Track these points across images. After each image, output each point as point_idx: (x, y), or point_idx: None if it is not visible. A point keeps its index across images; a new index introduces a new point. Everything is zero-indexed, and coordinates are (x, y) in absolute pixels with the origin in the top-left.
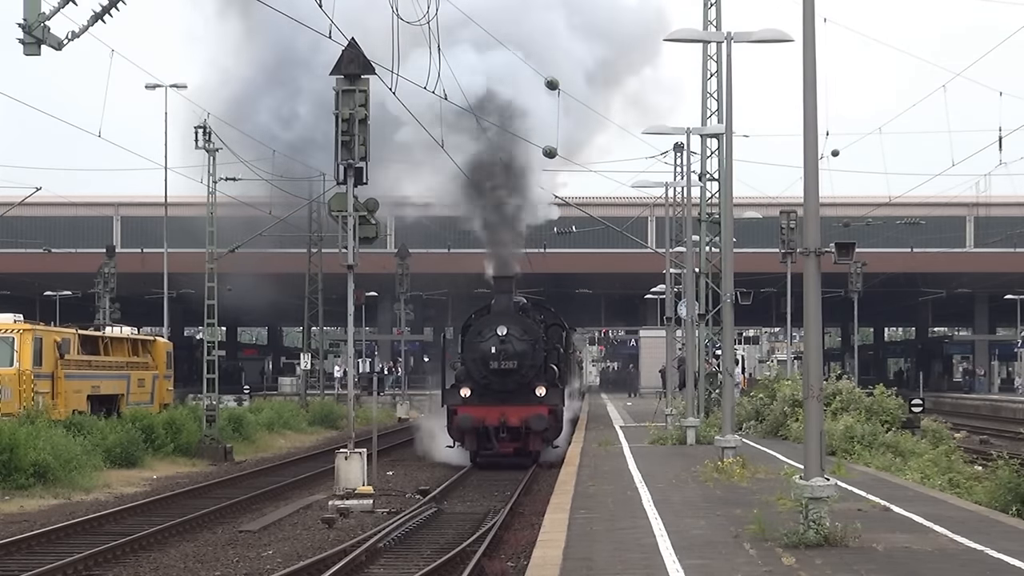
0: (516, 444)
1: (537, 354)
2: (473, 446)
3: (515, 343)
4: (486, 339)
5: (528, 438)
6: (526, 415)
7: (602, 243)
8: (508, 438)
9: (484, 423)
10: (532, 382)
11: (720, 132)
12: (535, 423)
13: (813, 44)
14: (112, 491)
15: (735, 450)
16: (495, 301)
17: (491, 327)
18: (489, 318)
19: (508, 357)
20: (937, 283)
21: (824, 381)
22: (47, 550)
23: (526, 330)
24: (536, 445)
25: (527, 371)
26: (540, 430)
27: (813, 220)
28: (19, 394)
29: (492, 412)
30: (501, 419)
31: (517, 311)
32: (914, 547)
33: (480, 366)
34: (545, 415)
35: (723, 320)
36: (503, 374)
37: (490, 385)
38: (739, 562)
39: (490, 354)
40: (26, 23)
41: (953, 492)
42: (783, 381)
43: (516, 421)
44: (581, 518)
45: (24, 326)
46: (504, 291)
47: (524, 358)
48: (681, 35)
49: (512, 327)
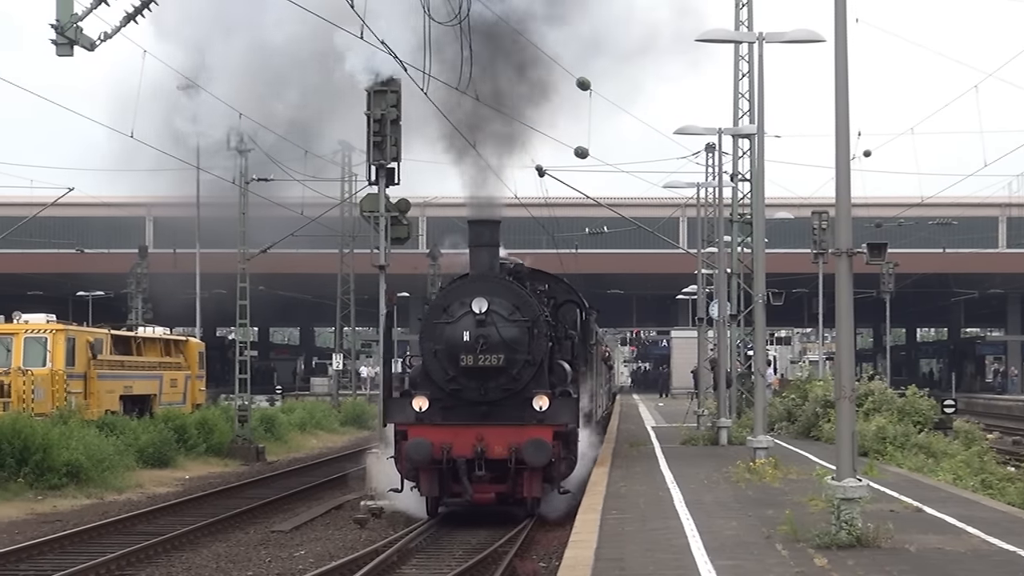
0: (500, 487)
1: (537, 343)
2: (432, 490)
3: (501, 326)
4: (455, 319)
5: (520, 478)
6: (516, 441)
7: (634, 244)
8: (488, 477)
9: (450, 453)
10: (528, 388)
11: (752, 133)
12: (531, 454)
13: (845, 45)
14: (144, 491)
15: (767, 451)
16: (471, 261)
17: (462, 301)
18: (460, 287)
19: (490, 348)
20: (969, 283)
21: (856, 382)
22: (80, 550)
23: (519, 305)
24: (532, 489)
25: (520, 370)
26: (538, 465)
27: (845, 220)
28: (52, 394)
29: (463, 436)
30: (477, 447)
31: (505, 277)
32: (947, 548)
33: (445, 362)
34: (547, 442)
35: (755, 321)
36: (481, 375)
37: (461, 393)
38: (771, 563)
39: (460, 343)
40: (59, 24)
41: (986, 493)
42: (815, 382)
43: (501, 450)
44: (612, 519)
45: (57, 326)
46: (484, 244)
47: (515, 350)
48: (713, 35)
49: (496, 301)
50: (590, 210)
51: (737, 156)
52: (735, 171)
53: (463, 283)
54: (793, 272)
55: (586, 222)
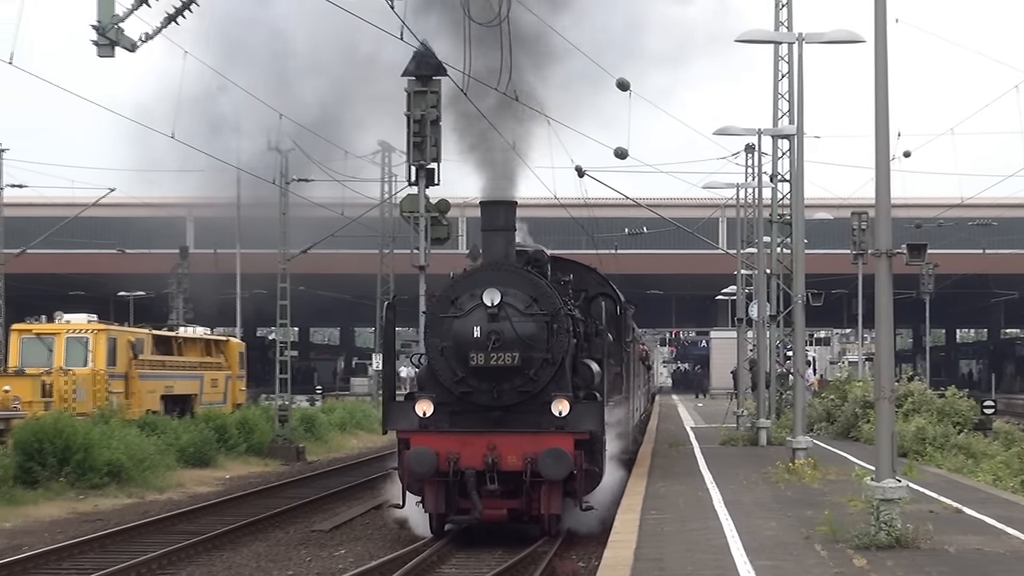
0: (514, 503)
1: (557, 340)
2: (438, 506)
3: (516, 320)
4: (464, 313)
5: (536, 493)
6: (533, 451)
7: (673, 244)
8: (500, 491)
9: (457, 464)
10: (547, 391)
11: (791, 133)
12: (548, 466)
13: (885, 45)
14: (185, 490)
15: (806, 451)
16: (483, 247)
17: (473, 293)
18: (470, 277)
19: (503, 345)
20: (1010, 284)
21: (895, 383)
22: (121, 548)
23: (536, 297)
24: (551, 506)
25: (538, 371)
26: (556, 479)
27: (885, 221)
28: (93, 394)
29: (472, 444)
30: (488, 457)
31: (524, 267)
32: (986, 549)
33: (453, 362)
34: (566, 452)
35: (794, 321)
36: (494, 376)
37: (471, 396)
38: (810, 563)
39: (470, 340)
40: (100, 24)
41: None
42: (854, 382)
43: (515, 461)
44: (652, 519)
45: (98, 326)
46: (498, 228)
47: (532, 347)
48: (752, 36)
49: (511, 292)
50: (629, 210)
51: (776, 156)
52: (775, 171)
53: (474, 273)
54: (832, 273)
55: (625, 222)
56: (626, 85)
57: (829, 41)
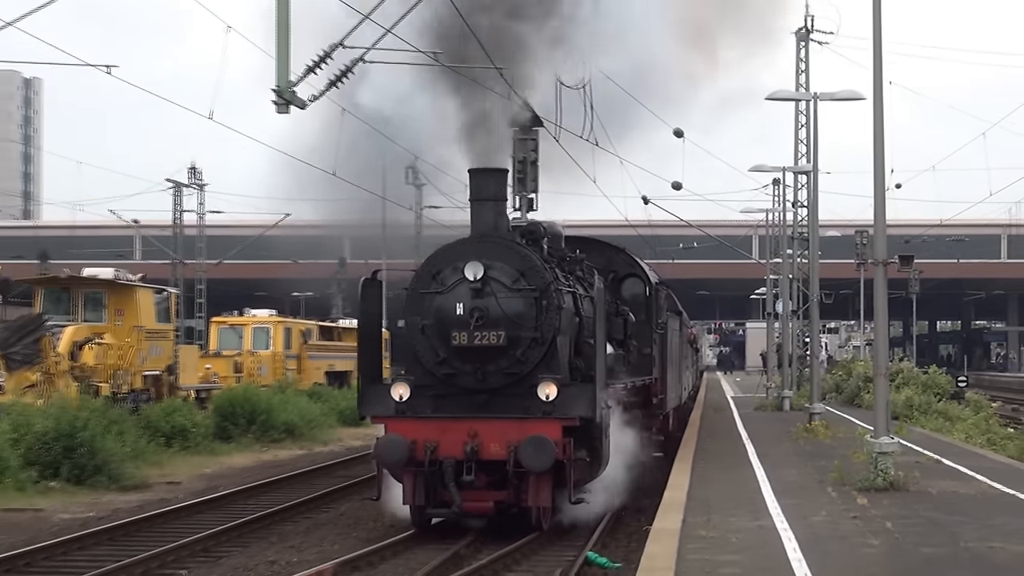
0: (499, 494)
1: (547, 318)
2: (418, 498)
3: (502, 296)
4: (446, 289)
5: (523, 484)
6: (516, 438)
7: (717, 255)
8: (483, 483)
9: (435, 453)
10: (536, 373)
11: (808, 170)
12: (529, 455)
13: (881, 101)
14: (343, 443)
15: (820, 415)
16: (472, 218)
17: (455, 266)
18: (453, 249)
19: (487, 324)
20: (978, 287)
21: (889, 362)
22: (296, 488)
23: (524, 271)
24: (539, 498)
25: (525, 351)
26: (538, 469)
27: (881, 237)
28: (273, 371)
29: (452, 431)
30: (469, 445)
31: (514, 238)
32: (960, 491)
33: (435, 341)
34: (549, 439)
35: (811, 315)
36: (478, 356)
37: (454, 378)
38: (823, 502)
39: (452, 317)
40: (278, 88)
41: (991, 449)
42: (857, 362)
43: (497, 449)
44: (700, 468)
45: (277, 319)
46: (487, 198)
47: (519, 325)
48: (779, 95)
49: (497, 266)
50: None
51: (797, 188)
52: (795, 199)
53: (457, 244)
54: (840, 277)
55: (680, 239)
56: (680, 133)
57: (838, 99)
